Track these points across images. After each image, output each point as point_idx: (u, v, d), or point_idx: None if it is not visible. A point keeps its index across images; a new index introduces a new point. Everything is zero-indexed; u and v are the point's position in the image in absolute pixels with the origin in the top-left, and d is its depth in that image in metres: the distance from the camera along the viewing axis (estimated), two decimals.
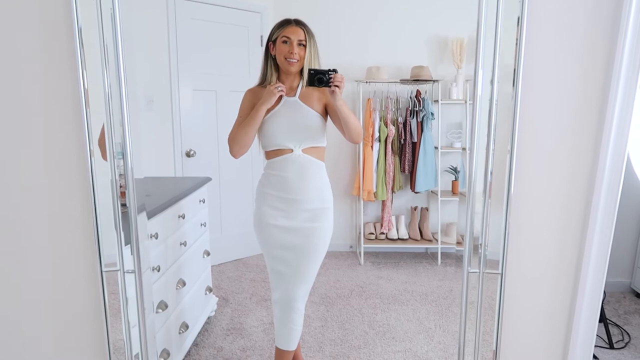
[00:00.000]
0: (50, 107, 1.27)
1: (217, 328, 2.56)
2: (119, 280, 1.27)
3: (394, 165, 3.58)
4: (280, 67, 1.79)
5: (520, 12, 1.19)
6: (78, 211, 1.32)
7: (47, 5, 1.22)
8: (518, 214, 1.35)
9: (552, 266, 1.41)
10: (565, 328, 1.45)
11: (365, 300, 2.93)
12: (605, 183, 1.29)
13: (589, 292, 1.37)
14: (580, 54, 1.27)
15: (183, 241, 2.17)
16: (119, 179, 1.20)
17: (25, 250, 1.36)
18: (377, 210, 3.83)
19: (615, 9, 1.22)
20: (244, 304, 2.87)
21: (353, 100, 3.54)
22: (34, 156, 1.30)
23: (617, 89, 1.24)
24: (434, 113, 3.50)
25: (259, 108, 1.73)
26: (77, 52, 1.18)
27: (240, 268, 3.48)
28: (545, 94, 1.29)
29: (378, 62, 3.52)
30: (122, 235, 1.23)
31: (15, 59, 1.25)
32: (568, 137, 1.32)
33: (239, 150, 1.78)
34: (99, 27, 1.16)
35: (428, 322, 2.65)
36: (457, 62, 3.49)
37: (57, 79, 1.26)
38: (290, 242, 1.81)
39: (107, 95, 1.18)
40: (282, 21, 1.78)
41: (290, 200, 1.79)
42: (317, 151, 1.81)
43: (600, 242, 1.33)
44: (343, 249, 3.86)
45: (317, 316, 2.70)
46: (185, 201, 2.23)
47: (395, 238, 3.65)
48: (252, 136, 1.76)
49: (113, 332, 1.32)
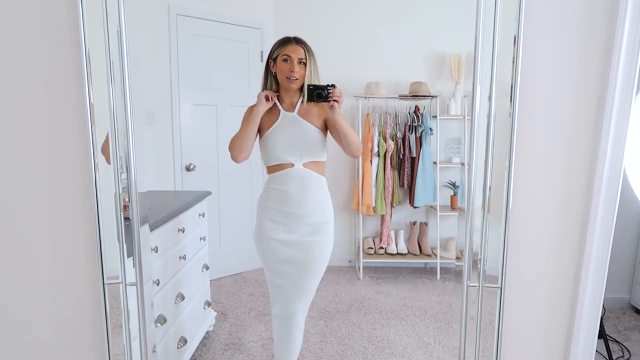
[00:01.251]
0: (55, 121, 1.29)
1: (215, 343, 2.55)
2: (120, 293, 1.27)
3: (393, 180, 3.60)
4: (281, 84, 1.81)
5: (516, 30, 1.22)
6: (81, 224, 1.33)
7: (54, 22, 1.24)
8: (517, 229, 1.35)
9: (551, 281, 1.41)
10: (564, 343, 1.45)
11: (365, 315, 2.92)
12: (603, 198, 1.31)
13: (588, 307, 1.37)
14: (576, 71, 1.29)
15: (182, 255, 2.17)
16: (122, 193, 1.22)
17: (28, 262, 1.37)
18: (376, 224, 3.83)
19: (609, 27, 1.25)
20: (242, 318, 2.86)
21: (352, 116, 3.57)
22: (39, 169, 1.32)
23: (612, 105, 1.26)
24: (432, 128, 3.53)
25: (255, 112, 1.78)
26: (83, 67, 1.20)
27: (239, 282, 3.47)
28: (542, 110, 1.31)
29: (377, 77, 3.56)
30: (124, 248, 1.24)
31: (22, 73, 1.27)
32: (565, 153, 1.33)
33: (239, 154, 1.79)
34: (105, 44, 1.18)
35: (427, 337, 2.63)
36: (455, 78, 3.53)
37: (63, 94, 1.28)
38: (290, 256, 1.81)
39: (113, 110, 1.20)
40: (283, 39, 1.80)
41: (291, 214, 1.80)
42: (318, 165, 1.83)
43: (598, 256, 1.34)
44: (342, 264, 3.85)
45: (316, 331, 2.69)
46: (185, 215, 2.24)
47: (395, 253, 3.64)
48: (250, 138, 1.78)
49: (113, 346, 1.32)
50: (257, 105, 1.79)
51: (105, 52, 1.19)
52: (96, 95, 1.22)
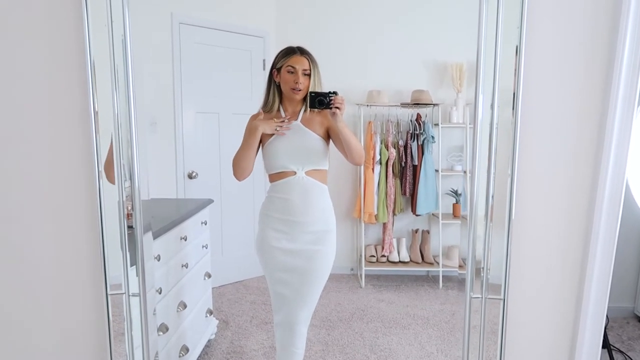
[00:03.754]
0: (60, 129, 1.30)
1: (217, 351, 2.53)
2: (123, 302, 1.27)
3: (395, 187, 3.59)
4: (285, 94, 1.82)
5: (518, 39, 1.22)
6: (84, 233, 1.33)
7: (59, 31, 1.26)
8: (520, 238, 1.35)
9: (554, 290, 1.40)
10: (568, 354, 1.43)
11: (367, 323, 2.91)
12: (605, 207, 1.30)
13: (592, 316, 1.37)
14: (579, 80, 1.29)
15: (185, 263, 2.16)
16: (126, 201, 1.22)
17: (31, 271, 1.37)
18: (378, 232, 3.82)
19: (611, 35, 1.26)
20: (244, 327, 2.85)
21: (354, 124, 3.58)
22: (42, 177, 1.32)
23: (614, 114, 1.26)
24: (434, 136, 3.53)
25: (255, 131, 1.77)
26: (88, 75, 1.21)
27: (240, 290, 3.46)
28: (545, 118, 1.31)
29: (379, 85, 3.57)
30: (128, 256, 1.24)
31: (27, 81, 1.28)
32: (568, 161, 1.33)
33: (241, 174, 1.82)
34: (110, 52, 1.19)
35: (430, 346, 2.62)
36: (457, 86, 3.54)
37: (67, 102, 1.28)
38: (292, 265, 1.81)
39: (117, 118, 1.20)
40: (287, 50, 1.80)
41: (293, 223, 1.79)
42: (320, 174, 1.83)
43: (601, 265, 1.34)
44: (344, 272, 3.84)
45: (318, 340, 2.67)
46: (188, 223, 2.24)
47: (397, 261, 3.63)
48: (250, 159, 1.79)
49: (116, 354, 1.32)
50: (260, 126, 1.77)
51: (110, 61, 1.20)
52: (100, 104, 1.23)
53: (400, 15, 3.61)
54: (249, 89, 3.53)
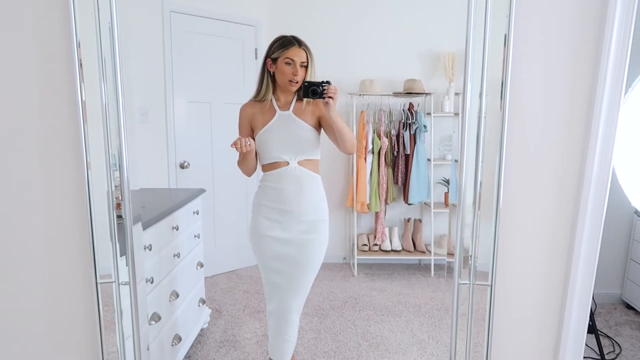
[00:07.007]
0: (48, 119, 1.29)
1: (210, 340, 2.55)
2: (114, 292, 1.27)
3: (387, 177, 3.61)
4: (280, 85, 1.81)
5: (507, 28, 1.23)
6: (74, 223, 1.33)
7: (44, 17, 1.24)
8: (507, 225, 1.37)
9: (541, 276, 1.43)
10: (554, 338, 1.46)
11: (359, 312, 2.94)
12: (592, 194, 1.32)
13: (577, 302, 1.39)
14: (567, 68, 1.30)
15: (177, 253, 2.17)
16: (115, 191, 1.21)
17: (20, 262, 1.37)
18: (370, 221, 3.84)
19: (599, 26, 1.26)
20: (237, 316, 2.86)
21: (347, 113, 3.58)
22: (31, 167, 1.32)
23: (601, 103, 1.27)
24: (426, 125, 3.54)
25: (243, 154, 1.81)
26: (75, 64, 1.20)
27: (233, 280, 3.47)
28: (533, 107, 1.32)
29: (371, 75, 3.57)
30: (117, 246, 1.24)
31: (13, 71, 1.27)
32: (555, 150, 1.35)
33: (247, 173, 1.90)
34: (97, 41, 1.18)
35: (421, 333, 2.65)
36: (449, 75, 3.54)
37: (54, 92, 1.27)
38: (285, 254, 1.82)
39: (105, 108, 1.20)
40: (284, 40, 1.77)
41: (286, 212, 1.80)
42: (312, 164, 1.83)
43: (587, 251, 1.36)
44: (336, 261, 3.87)
45: (310, 328, 2.70)
46: (179, 213, 2.24)
47: (389, 250, 3.66)
48: (251, 165, 1.86)
49: (106, 344, 1.32)
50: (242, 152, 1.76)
51: (97, 49, 1.19)
52: (88, 93, 1.22)
53: (394, 5, 3.60)
54: (241, 78, 3.51)
